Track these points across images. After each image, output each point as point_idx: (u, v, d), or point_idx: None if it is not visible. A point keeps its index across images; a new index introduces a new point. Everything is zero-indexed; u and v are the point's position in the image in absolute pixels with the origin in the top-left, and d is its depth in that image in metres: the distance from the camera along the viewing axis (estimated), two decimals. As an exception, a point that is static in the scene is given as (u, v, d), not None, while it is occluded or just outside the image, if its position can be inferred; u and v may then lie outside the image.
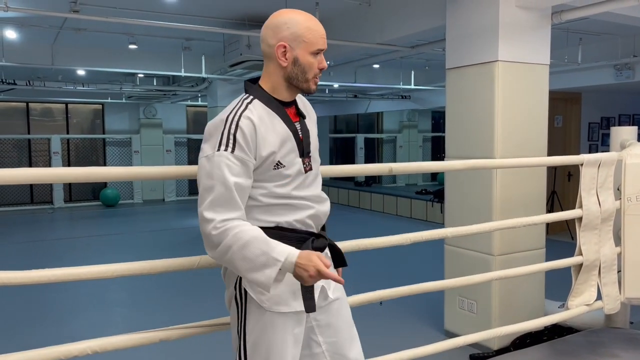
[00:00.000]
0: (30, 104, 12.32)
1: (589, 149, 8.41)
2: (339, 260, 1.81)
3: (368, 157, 14.27)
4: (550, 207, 7.62)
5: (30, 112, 12.39)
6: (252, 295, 1.66)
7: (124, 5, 5.14)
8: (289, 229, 1.67)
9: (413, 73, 9.64)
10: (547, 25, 3.74)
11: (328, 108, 13.96)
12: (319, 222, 1.76)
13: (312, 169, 1.73)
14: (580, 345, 3.06)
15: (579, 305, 3.02)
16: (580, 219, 2.96)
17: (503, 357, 3.14)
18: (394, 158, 14.18)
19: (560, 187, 8.15)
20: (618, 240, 3.10)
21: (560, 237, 7.64)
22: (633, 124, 8.71)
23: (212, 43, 6.91)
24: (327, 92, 11.37)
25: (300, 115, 1.74)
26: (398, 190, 11.88)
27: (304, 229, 1.70)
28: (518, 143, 3.66)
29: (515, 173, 3.66)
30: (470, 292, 3.77)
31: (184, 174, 2.07)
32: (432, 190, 10.53)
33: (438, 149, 14.40)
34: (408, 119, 14.27)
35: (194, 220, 10.06)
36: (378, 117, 14.56)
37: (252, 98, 1.65)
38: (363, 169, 2.96)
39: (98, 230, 9.44)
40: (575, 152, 7.89)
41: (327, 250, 1.79)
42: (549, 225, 7.62)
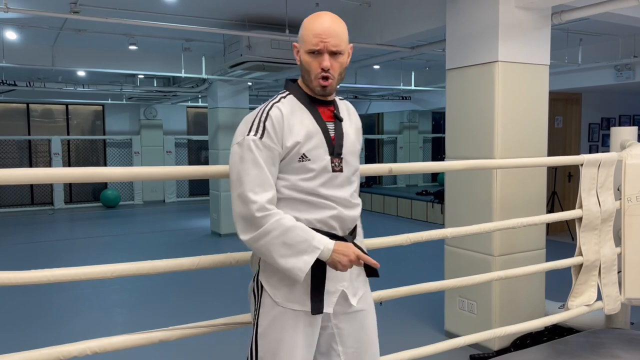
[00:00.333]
0: (31, 105, 12.33)
1: (589, 150, 8.40)
2: (371, 271, 1.81)
3: (368, 158, 14.27)
4: (551, 207, 7.62)
5: (31, 113, 12.40)
6: (267, 290, 1.71)
7: (124, 6, 5.14)
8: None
9: (413, 74, 9.65)
10: (547, 26, 3.74)
11: (328, 109, 13.93)
12: (345, 225, 1.74)
13: (343, 171, 1.72)
14: (581, 346, 3.06)
15: (579, 306, 3.02)
16: (580, 220, 2.95)
17: (503, 357, 3.13)
18: (395, 159, 14.17)
19: (561, 187, 8.15)
20: (618, 241, 3.10)
21: (561, 237, 7.64)
22: (633, 125, 8.72)
23: (212, 44, 6.92)
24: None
25: (337, 118, 1.76)
26: (399, 191, 11.88)
27: (325, 230, 1.69)
28: (518, 144, 3.66)
29: (516, 173, 3.66)
30: (471, 292, 3.77)
31: (185, 175, 2.07)
32: (432, 191, 10.53)
33: (439, 150, 14.39)
34: (408, 120, 14.27)
35: (195, 221, 10.15)
36: (378, 118, 14.56)
37: (287, 93, 1.74)
38: (363, 169, 2.94)
39: (98, 232, 9.44)
40: (576, 152, 7.89)
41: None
42: (549, 226, 7.63)
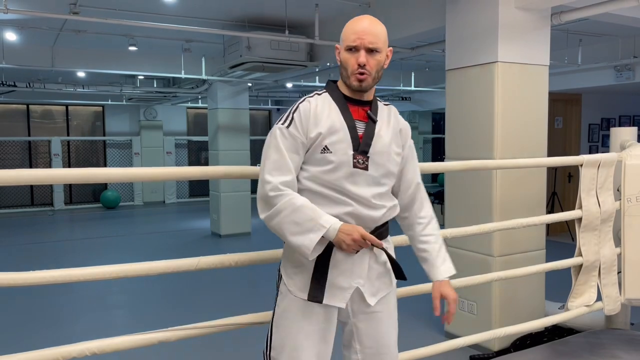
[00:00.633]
0: (31, 106, 12.34)
1: (589, 150, 8.40)
2: (398, 274, 1.84)
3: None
4: (551, 208, 7.62)
5: (31, 114, 12.40)
6: (283, 279, 1.81)
7: (124, 7, 5.14)
8: None
9: (413, 74, 9.65)
10: (546, 26, 3.74)
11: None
12: (362, 224, 1.73)
13: (368, 170, 1.74)
14: (581, 347, 3.06)
15: (579, 306, 3.02)
16: (580, 220, 2.95)
17: (503, 358, 3.13)
18: (395, 160, 14.13)
19: (561, 188, 8.15)
20: (618, 241, 3.10)
21: (561, 238, 7.64)
22: (633, 125, 8.72)
23: (212, 45, 6.91)
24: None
25: (370, 118, 1.79)
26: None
27: None
28: (518, 144, 3.66)
29: (515, 174, 3.66)
30: (471, 293, 3.76)
31: (185, 176, 2.07)
32: (432, 192, 10.51)
33: (439, 151, 14.38)
34: (408, 121, 14.16)
35: (195, 222, 10.15)
36: (378, 118, 14.53)
37: (323, 91, 1.83)
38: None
39: (98, 232, 9.43)
40: (576, 153, 7.88)
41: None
42: (549, 226, 7.64)
